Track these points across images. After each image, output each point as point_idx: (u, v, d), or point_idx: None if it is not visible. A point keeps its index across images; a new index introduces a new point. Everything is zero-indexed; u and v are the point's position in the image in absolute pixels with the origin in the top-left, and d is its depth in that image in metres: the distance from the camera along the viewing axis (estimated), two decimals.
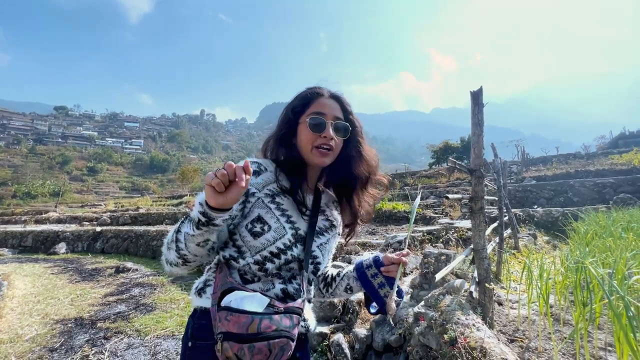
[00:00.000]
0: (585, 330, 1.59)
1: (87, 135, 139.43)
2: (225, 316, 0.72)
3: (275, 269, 0.86)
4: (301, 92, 0.97)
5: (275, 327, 0.72)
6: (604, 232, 3.90)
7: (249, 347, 0.69)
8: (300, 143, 0.93)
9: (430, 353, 1.85)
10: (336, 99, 0.96)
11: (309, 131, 0.90)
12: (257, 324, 0.70)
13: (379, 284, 0.97)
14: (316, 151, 0.90)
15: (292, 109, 0.95)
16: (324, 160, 0.91)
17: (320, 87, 0.97)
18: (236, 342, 0.69)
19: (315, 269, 0.95)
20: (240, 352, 0.68)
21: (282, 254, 0.85)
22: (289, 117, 0.95)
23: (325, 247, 0.98)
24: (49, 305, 4.20)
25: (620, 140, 25.13)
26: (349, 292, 1.03)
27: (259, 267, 0.84)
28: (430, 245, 4.60)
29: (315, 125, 0.89)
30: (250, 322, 0.70)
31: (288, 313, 0.77)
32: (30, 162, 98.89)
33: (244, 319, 0.71)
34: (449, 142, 24.02)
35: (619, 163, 13.46)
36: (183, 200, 20.25)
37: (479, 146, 2.14)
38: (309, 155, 0.91)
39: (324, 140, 0.90)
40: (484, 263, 2.22)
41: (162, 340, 3.11)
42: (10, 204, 54.31)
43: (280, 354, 0.72)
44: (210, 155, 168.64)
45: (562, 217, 6.93)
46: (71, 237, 9.90)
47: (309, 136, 0.90)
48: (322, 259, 0.97)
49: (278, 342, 0.71)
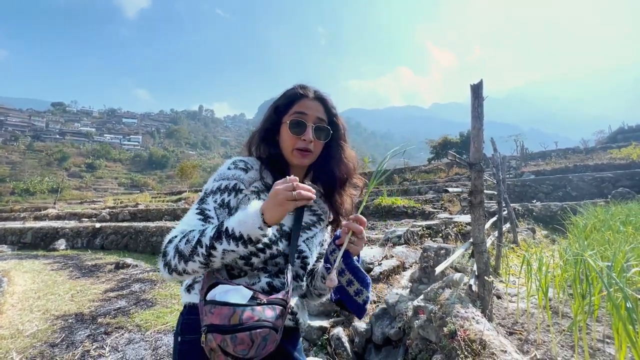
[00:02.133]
0: (583, 322, 1.60)
1: (85, 132, 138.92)
2: (209, 309, 0.73)
3: (261, 263, 0.88)
4: (288, 90, 0.99)
5: (257, 318, 0.73)
6: (602, 225, 3.91)
7: (231, 337, 0.69)
8: (282, 143, 0.96)
9: (430, 346, 1.86)
10: (321, 100, 0.98)
11: (289, 132, 0.93)
12: (239, 315, 0.71)
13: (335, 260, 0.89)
14: (296, 152, 0.94)
15: (276, 108, 0.97)
16: (303, 161, 0.95)
17: (306, 86, 0.98)
18: (219, 333, 0.70)
19: (304, 263, 0.96)
20: (223, 343, 0.69)
21: (267, 249, 0.88)
22: (272, 116, 0.97)
23: (313, 241, 0.99)
24: (49, 301, 4.20)
25: (619, 135, 25.12)
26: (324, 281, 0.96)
27: (244, 261, 0.87)
28: (429, 239, 4.62)
29: (296, 127, 0.92)
30: (232, 314, 0.71)
31: (270, 304, 0.77)
32: (28, 158, 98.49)
33: (226, 311, 0.72)
34: (448, 137, 24.00)
35: (617, 157, 13.48)
36: (182, 197, 20.22)
37: (479, 140, 2.13)
38: (289, 156, 0.95)
39: (303, 143, 0.93)
40: (483, 257, 2.23)
41: (162, 335, 3.13)
42: (8, 200, 54.16)
43: (263, 344, 0.72)
44: (209, 151, 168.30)
45: (560, 212, 6.95)
46: (70, 233, 9.89)
47: (289, 137, 0.93)
48: (310, 252, 0.98)
49: (260, 332, 0.71)
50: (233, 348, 0.69)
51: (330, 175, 1.01)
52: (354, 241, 0.88)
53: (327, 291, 0.98)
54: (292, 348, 0.95)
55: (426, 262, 2.94)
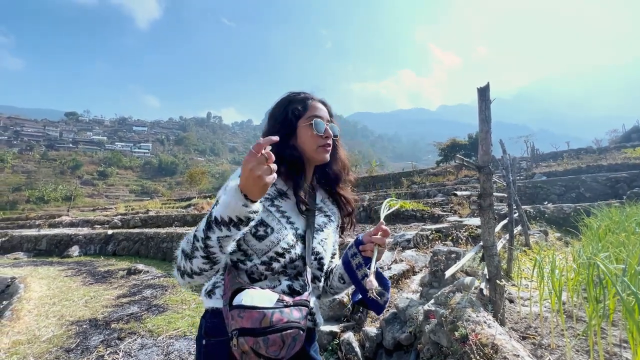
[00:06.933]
0: (598, 326, 1.57)
1: (97, 140, 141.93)
2: (238, 314, 0.76)
3: (281, 267, 0.91)
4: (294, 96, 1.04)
5: (286, 319, 0.76)
6: (617, 227, 3.82)
7: (264, 339, 0.73)
8: (303, 144, 0.99)
9: (441, 350, 1.84)
10: (324, 104, 1.06)
11: (313, 132, 0.97)
12: (269, 318, 0.75)
13: (357, 264, 0.98)
14: (320, 149, 0.99)
15: (292, 112, 1.01)
16: (326, 157, 1.01)
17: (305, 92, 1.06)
18: (251, 336, 0.73)
19: (320, 265, 1.01)
20: (256, 345, 0.73)
21: (286, 253, 0.91)
22: (290, 120, 1.00)
23: (327, 242, 1.03)
24: (64, 307, 4.29)
25: (633, 134, 24.50)
26: (342, 282, 1.04)
27: (265, 267, 0.90)
28: (439, 243, 4.58)
29: (318, 126, 0.98)
30: (263, 317, 0.74)
31: (297, 306, 0.81)
32: (43, 167, 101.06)
33: (256, 315, 0.75)
34: (456, 139, 23.80)
35: (632, 157, 13.15)
36: (191, 203, 20.45)
37: (487, 143, 2.12)
38: (313, 154, 0.99)
39: (324, 140, 0.99)
40: (494, 260, 2.21)
41: (174, 340, 3.16)
42: (24, 208, 55.56)
43: (292, 344, 0.76)
44: (217, 158, 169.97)
45: (573, 213, 6.80)
46: (84, 240, 10.08)
47: (313, 136, 0.98)
48: (325, 253, 1.02)
49: (290, 333, 0.76)
50: (265, 349, 0.73)
51: (331, 171, 1.08)
52: (378, 250, 0.96)
53: (342, 290, 1.06)
54: (309, 348, 1.00)
55: (436, 265, 2.92)
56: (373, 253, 0.94)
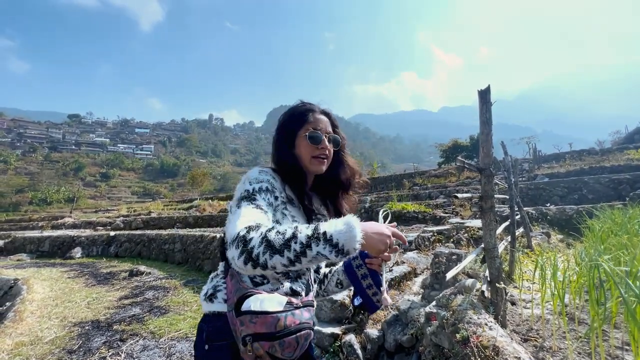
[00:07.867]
0: (600, 329, 1.57)
1: (99, 142, 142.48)
2: (250, 319, 0.76)
3: None
4: (297, 107, 1.07)
5: (298, 321, 0.79)
6: (619, 229, 3.80)
7: (280, 343, 0.74)
8: (300, 154, 1.02)
9: (443, 353, 1.84)
10: (326, 114, 1.08)
11: (308, 143, 1.01)
12: (283, 321, 0.76)
13: (362, 275, 1.03)
14: (314, 160, 1.02)
15: (291, 124, 1.04)
16: (321, 167, 1.03)
17: (311, 103, 1.08)
18: (267, 340, 0.74)
19: (317, 268, 1.07)
20: (272, 349, 0.74)
21: None
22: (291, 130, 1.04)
23: None
24: (66, 309, 4.31)
25: (636, 135, 24.34)
26: (339, 286, 1.10)
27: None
28: (441, 245, 4.57)
29: (314, 138, 1.01)
30: (277, 321, 0.76)
31: (306, 307, 0.84)
32: (46, 169, 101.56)
33: (270, 319, 0.76)
34: (458, 141, 23.75)
35: (635, 158, 13.08)
36: (193, 204, 20.48)
37: (488, 145, 2.13)
38: (308, 164, 1.02)
39: (321, 150, 1.02)
40: (496, 262, 2.20)
41: (176, 342, 3.17)
42: (27, 210, 55.84)
43: (304, 344, 0.79)
44: (219, 159, 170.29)
45: (576, 215, 6.77)
46: (86, 241, 10.12)
47: (308, 147, 1.01)
48: None
49: (303, 334, 0.78)
50: (281, 352, 0.75)
51: (336, 179, 1.10)
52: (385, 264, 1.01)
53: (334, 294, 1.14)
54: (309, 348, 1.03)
55: (438, 267, 2.91)
56: (381, 268, 0.97)
